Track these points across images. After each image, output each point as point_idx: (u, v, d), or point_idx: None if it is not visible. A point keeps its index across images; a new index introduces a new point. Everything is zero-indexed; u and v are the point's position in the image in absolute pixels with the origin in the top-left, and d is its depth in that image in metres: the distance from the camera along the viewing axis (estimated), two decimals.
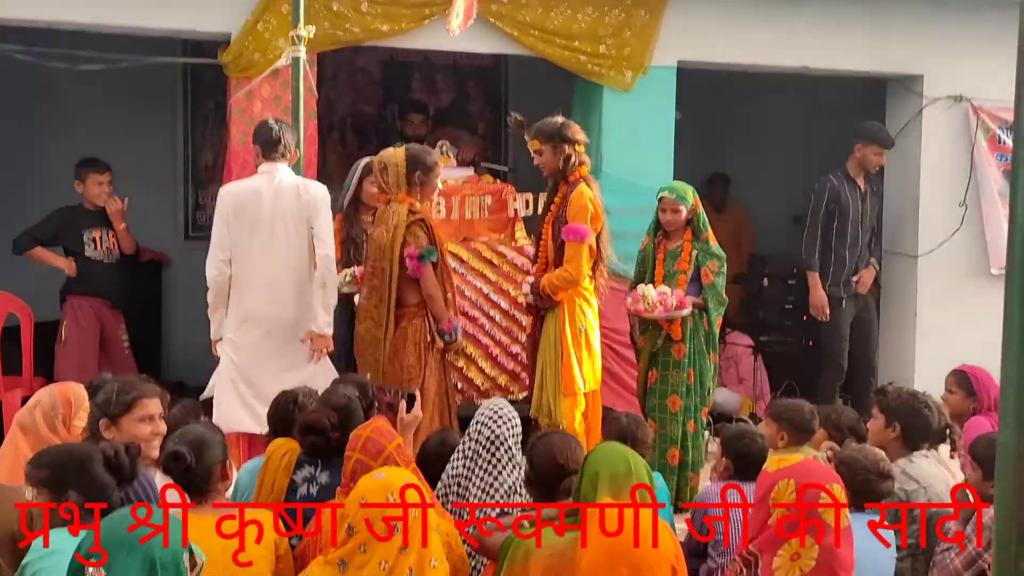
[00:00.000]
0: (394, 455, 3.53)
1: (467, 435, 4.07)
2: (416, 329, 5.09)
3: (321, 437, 3.77)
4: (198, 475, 3.40)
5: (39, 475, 3.06)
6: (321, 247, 5.15)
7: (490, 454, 3.94)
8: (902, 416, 4.59)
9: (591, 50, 6.72)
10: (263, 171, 5.28)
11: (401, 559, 2.97)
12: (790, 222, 9.28)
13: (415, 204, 5.09)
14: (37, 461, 3.12)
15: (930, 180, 7.43)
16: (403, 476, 3.15)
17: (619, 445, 3.41)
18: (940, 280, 7.43)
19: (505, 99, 9.02)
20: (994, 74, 7.09)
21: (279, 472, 3.84)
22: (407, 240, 4.99)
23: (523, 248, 6.42)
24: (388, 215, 5.08)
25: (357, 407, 3.87)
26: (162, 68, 7.52)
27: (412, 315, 5.09)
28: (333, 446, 3.77)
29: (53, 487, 3.02)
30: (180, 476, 3.40)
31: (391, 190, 5.12)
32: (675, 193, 5.64)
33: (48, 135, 7.90)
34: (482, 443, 3.96)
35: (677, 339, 5.61)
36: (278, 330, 5.22)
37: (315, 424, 3.77)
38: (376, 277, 5.08)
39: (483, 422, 4.00)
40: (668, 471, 5.49)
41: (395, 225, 5.01)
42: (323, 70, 7.04)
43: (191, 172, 8.51)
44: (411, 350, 5.02)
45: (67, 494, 3.02)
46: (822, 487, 3.10)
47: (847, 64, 7.31)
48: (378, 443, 3.54)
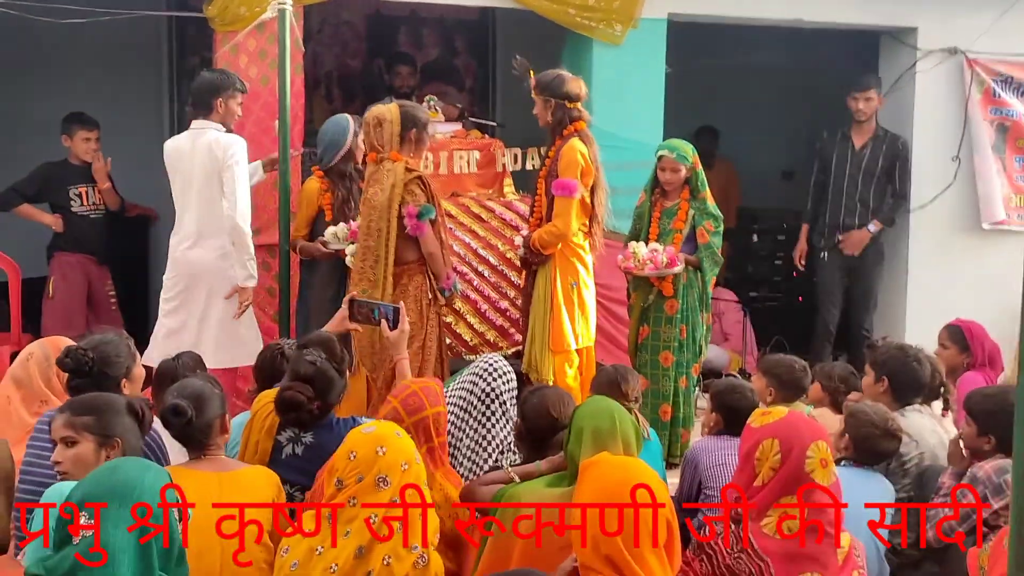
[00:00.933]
0: (428, 421, 3.54)
1: (461, 387, 4.05)
2: (417, 286, 5.01)
3: (301, 412, 3.71)
4: (197, 429, 3.38)
5: (83, 421, 3.10)
6: (226, 205, 5.26)
7: (484, 406, 3.95)
8: (890, 369, 4.60)
9: (580, 3, 6.63)
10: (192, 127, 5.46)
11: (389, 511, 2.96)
12: (779, 177, 9.27)
13: (410, 162, 5.00)
14: (75, 409, 3.15)
15: (923, 134, 7.37)
16: (393, 428, 3.13)
17: (607, 400, 3.39)
18: (933, 235, 7.41)
19: (492, 54, 8.94)
20: (989, 27, 7.05)
21: (262, 435, 3.80)
22: (405, 199, 4.91)
23: (511, 203, 6.37)
24: (382, 174, 4.93)
25: (327, 369, 3.74)
26: (146, 22, 7.40)
27: (412, 272, 4.99)
28: (315, 415, 3.73)
29: (99, 432, 3.09)
30: (180, 430, 3.38)
31: (383, 147, 4.96)
32: (675, 152, 5.59)
33: (32, 91, 7.80)
34: (477, 395, 3.96)
35: (669, 295, 5.58)
36: (201, 282, 5.41)
37: (291, 401, 3.69)
38: (371, 237, 4.93)
39: (479, 374, 4.00)
40: (660, 427, 5.50)
41: (392, 184, 4.88)
42: (309, 24, 6.94)
43: (176, 128, 8.40)
44: (412, 307, 4.96)
45: (113, 439, 3.10)
46: (805, 447, 3.08)
47: (840, 17, 7.22)
48: (420, 402, 3.58)
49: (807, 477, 3.04)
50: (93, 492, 2.35)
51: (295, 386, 3.70)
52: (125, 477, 2.39)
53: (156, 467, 2.55)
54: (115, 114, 7.53)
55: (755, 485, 3.11)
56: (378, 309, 4.35)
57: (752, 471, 3.12)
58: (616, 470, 2.92)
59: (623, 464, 2.97)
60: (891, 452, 4.14)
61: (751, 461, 3.12)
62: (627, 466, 2.96)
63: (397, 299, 4.86)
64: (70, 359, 3.68)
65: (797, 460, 3.04)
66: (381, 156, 4.95)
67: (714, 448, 4.25)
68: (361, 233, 5.00)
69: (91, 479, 2.42)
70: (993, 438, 3.95)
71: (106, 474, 2.42)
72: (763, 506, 3.08)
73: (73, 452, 3.08)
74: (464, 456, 4.00)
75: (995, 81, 7.36)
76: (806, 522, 3.04)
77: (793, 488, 3.05)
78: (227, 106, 5.48)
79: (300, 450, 3.73)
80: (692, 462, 4.27)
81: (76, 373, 3.66)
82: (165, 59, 8.39)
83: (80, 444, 3.09)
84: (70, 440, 3.09)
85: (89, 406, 3.16)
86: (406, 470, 3.01)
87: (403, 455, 3.04)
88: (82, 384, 3.63)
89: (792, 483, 3.04)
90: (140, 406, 3.25)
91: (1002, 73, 7.36)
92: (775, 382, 4.73)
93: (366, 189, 5.04)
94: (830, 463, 3.10)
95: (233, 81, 5.54)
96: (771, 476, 3.07)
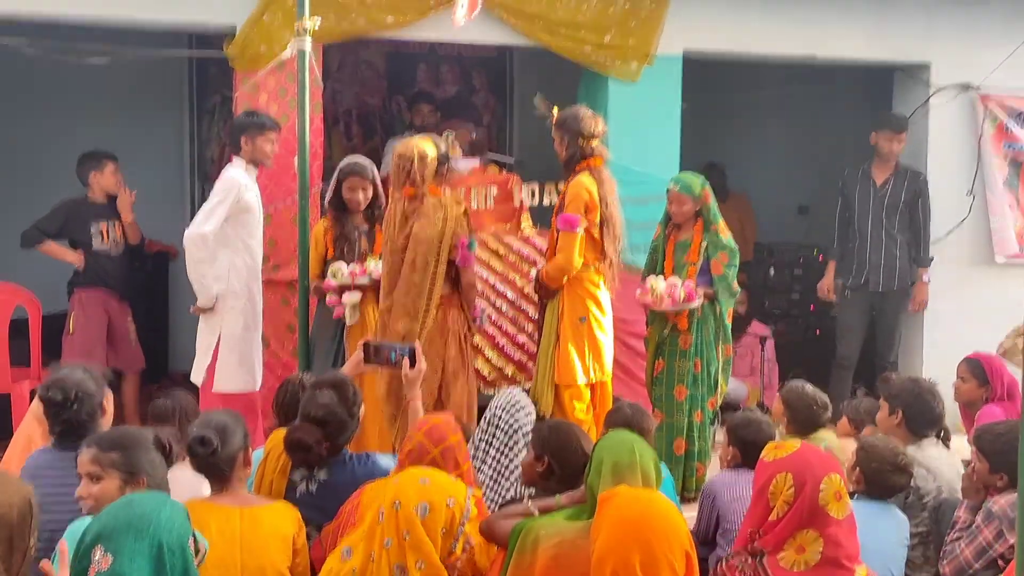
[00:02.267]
0: (454, 448, 3.57)
1: (485, 421, 4.09)
2: (455, 319, 5.04)
3: (310, 454, 3.71)
4: (222, 460, 3.39)
5: (110, 458, 3.09)
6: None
7: (507, 437, 4.00)
8: (903, 402, 4.60)
9: (596, 40, 6.70)
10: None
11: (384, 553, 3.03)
12: (795, 212, 9.29)
13: (454, 195, 5.08)
14: (102, 444, 3.14)
15: (938, 169, 7.40)
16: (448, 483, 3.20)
17: (628, 433, 3.40)
18: (949, 268, 7.41)
19: (510, 90, 9.02)
20: (1001, 63, 7.08)
21: (276, 474, 3.80)
22: (456, 232, 4.94)
23: (529, 238, 6.41)
24: (428, 208, 4.94)
25: (338, 412, 3.75)
26: (167, 62, 7.53)
27: (448, 305, 5.02)
28: (324, 457, 3.73)
29: (125, 469, 3.09)
30: (204, 461, 3.39)
31: (423, 182, 4.98)
32: (680, 184, 5.63)
33: (54, 130, 7.90)
34: (502, 428, 4.01)
35: (683, 329, 5.60)
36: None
37: (301, 443, 3.68)
38: (416, 272, 4.92)
39: (504, 407, 4.05)
40: (674, 461, 5.49)
41: (445, 218, 4.91)
42: (328, 62, 7.04)
43: (197, 165, 8.51)
44: (452, 341, 4.99)
45: (139, 476, 3.09)
46: (819, 480, 3.08)
47: (854, 53, 7.27)
48: (442, 433, 3.59)
49: (822, 510, 3.04)
50: (109, 526, 2.35)
51: (304, 427, 3.70)
52: (141, 511, 2.39)
53: (173, 501, 2.54)
54: (136, 152, 7.63)
55: (770, 520, 3.11)
56: (395, 351, 4.37)
57: (767, 505, 3.13)
58: (635, 503, 2.92)
59: (641, 497, 2.98)
60: (902, 487, 4.14)
61: (765, 495, 3.13)
62: (645, 499, 2.97)
63: (433, 332, 4.92)
64: (53, 392, 3.64)
65: (811, 493, 3.05)
66: (421, 191, 4.98)
67: (732, 482, 4.25)
68: (404, 268, 4.97)
69: (107, 514, 2.41)
70: (1006, 475, 3.94)
71: (122, 508, 2.42)
72: (779, 540, 3.08)
73: (99, 488, 3.08)
74: (485, 486, 4.02)
75: (1008, 116, 7.38)
76: (823, 556, 3.04)
77: (808, 522, 3.05)
78: (254, 144, 5.68)
79: (314, 488, 3.73)
80: (710, 496, 4.27)
81: (60, 406, 3.62)
82: (186, 98, 8.49)
83: (105, 480, 3.08)
84: (95, 476, 3.09)
85: (116, 442, 3.16)
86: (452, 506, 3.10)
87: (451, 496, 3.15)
88: (62, 416, 3.61)
89: (807, 517, 3.05)
90: (167, 440, 3.26)
91: (1015, 108, 7.38)
92: (791, 413, 4.74)
93: (402, 223, 4.99)
94: (844, 496, 3.11)
95: (260, 120, 5.73)
96: (786, 510, 3.07)
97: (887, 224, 7.13)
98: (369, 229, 5.76)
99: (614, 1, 6.68)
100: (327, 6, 6.07)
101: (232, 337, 5.65)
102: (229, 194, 5.54)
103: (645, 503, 2.92)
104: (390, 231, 5.04)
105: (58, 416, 3.59)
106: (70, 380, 3.63)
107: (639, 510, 2.88)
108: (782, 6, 7.02)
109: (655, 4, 6.75)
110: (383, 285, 5.09)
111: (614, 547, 2.81)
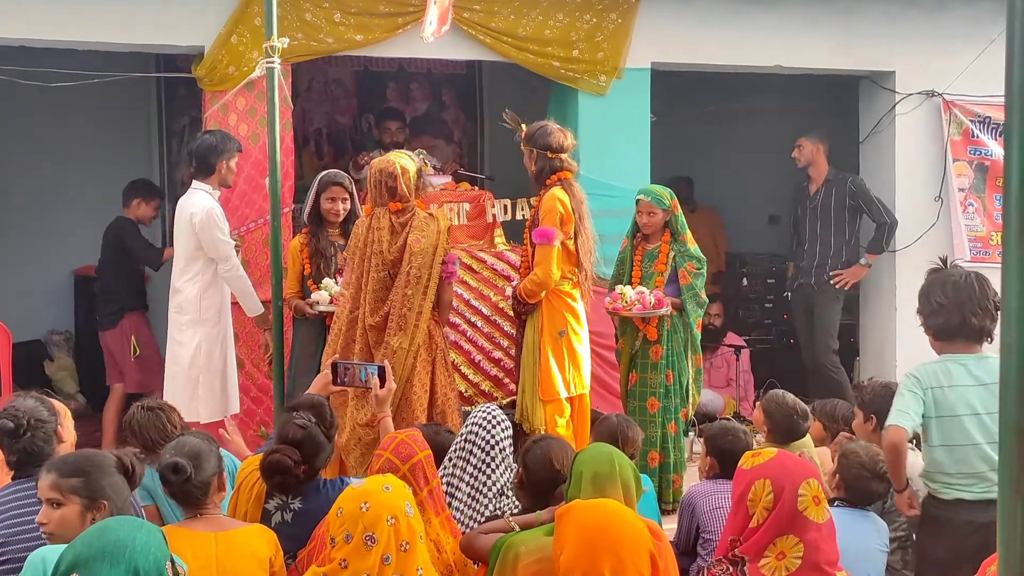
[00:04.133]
0: (422, 464, 3.54)
1: (462, 437, 4.07)
2: (441, 336, 5.07)
3: (288, 476, 3.64)
4: (196, 487, 3.34)
5: (71, 483, 3.03)
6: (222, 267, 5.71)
7: (484, 453, 3.97)
8: (877, 408, 4.62)
9: (564, 55, 6.73)
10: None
11: (385, 570, 2.94)
12: (767, 221, 9.35)
13: (439, 210, 5.10)
14: (62, 470, 3.07)
15: (905, 176, 7.48)
16: (381, 483, 3.11)
17: (605, 446, 3.40)
18: (918, 274, 7.41)
19: (480, 106, 9.04)
20: (964, 69, 7.16)
21: (250, 504, 3.72)
22: (444, 247, 4.98)
23: (502, 254, 6.42)
24: (420, 221, 4.94)
25: (315, 434, 3.68)
26: (135, 84, 7.49)
27: (431, 320, 5.03)
28: (301, 480, 3.67)
29: (86, 494, 3.03)
30: (178, 488, 3.34)
31: (409, 195, 4.99)
32: (651, 196, 5.66)
33: (22, 153, 7.86)
34: (479, 444, 3.98)
35: (653, 340, 5.62)
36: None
37: (278, 465, 3.60)
38: (410, 285, 4.89)
39: (480, 423, 4.02)
40: (649, 473, 5.49)
41: (437, 231, 4.94)
42: (297, 81, 7.03)
43: (167, 187, 8.47)
44: (439, 358, 5.01)
45: (99, 501, 3.03)
46: (797, 485, 3.09)
47: (819, 62, 7.35)
48: (410, 449, 3.56)
49: (801, 515, 3.05)
50: (84, 554, 2.30)
51: (282, 449, 3.62)
52: (115, 537, 2.34)
53: (148, 525, 2.49)
54: (105, 175, 7.59)
55: (750, 527, 3.12)
56: (364, 370, 4.33)
57: (746, 513, 3.13)
58: (594, 511, 2.92)
59: (599, 505, 2.97)
60: (881, 494, 4.16)
61: (744, 503, 3.13)
62: (604, 507, 2.97)
63: (423, 348, 4.92)
64: (3, 421, 3.51)
65: (790, 499, 3.05)
66: (410, 204, 4.97)
67: (711, 492, 4.26)
68: (401, 280, 4.92)
69: (81, 541, 2.37)
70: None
71: (96, 535, 2.37)
72: (760, 547, 3.08)
73: (59, 514, 3.01)
74: (463, 503, 4.00)
75: (972, 122, 7.48)
76: (803, 561, 3.05)
77: (788, 528, 3.05)
78: (228, 166, 5.78)
79: (289, 517, 3.66)
80: (689, 506, 4.27)
81: (12, 435, 3.50)
82: (155, 119, 8.47)
83: (66, 506, 3.02)
84: (56, 502, 3.03)
85: (76, 467, 3.08)
86: (393, 524, 2.96)
87: (388, 510, 2.98)
88: (16, 446, 3.51)
89: (787, 522, 3.05)
90: (130, 461, 3.17)
91: (979, 114, 7.48)
92: (770, 423, 4.75)
93: (392, 237, 4.94)
94: (823, 500, 3.12)
95: (234, 143, 5.83)
96: (765, 517, 3.08)
97: (822, 230, 7.37)
98: (345, 243, 5.72)
99: (580, 16, 6.72)
100: (296, 26, 6.07)
101: (210, 367, 5.65)
102: (222, 225, 5.66)
103: (605, 511, 2.92)
104: (377, 246, 4.94)
105: (12, 446, 3.53)
106: (22, 408, 3.56)
107: (601, 517, 2.88)
108: (747, 18, 7.08)
109: (622, 18, 6.79)
110: (368, 301, 4.96)
111: (581, 558, 2.80)
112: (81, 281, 8.09)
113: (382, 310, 4.91)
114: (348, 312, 5.00)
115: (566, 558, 2.84)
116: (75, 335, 8.22)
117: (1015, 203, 1.55)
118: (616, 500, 3.05)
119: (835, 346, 7.36)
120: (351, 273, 5.03)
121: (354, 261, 5.00)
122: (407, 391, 4.89)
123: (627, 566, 2.79)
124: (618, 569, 2.78)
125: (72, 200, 7.94)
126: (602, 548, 2.80)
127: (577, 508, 2.96)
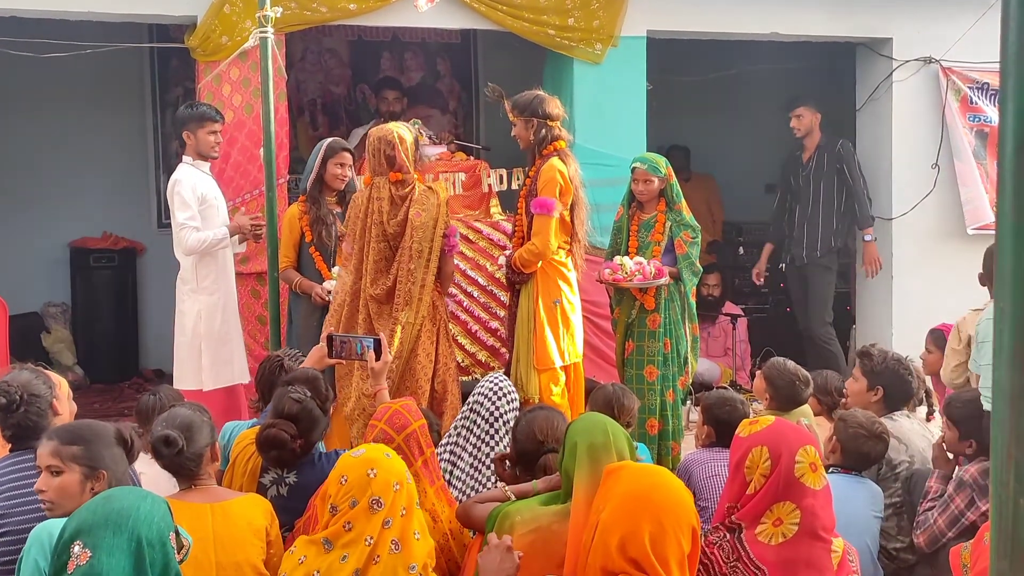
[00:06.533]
0: (417, 434, 3.54)
1: (467, 407, 4.08)
2: (443, 305, 5.05)
3: (284, 451, 3.65)
4: (188, 459, 3.33)
5: (71, 451, 3.03)
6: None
7: (488, 425, 3.98)
8: (886, 381, 4.63)
9: (559, 23, 6.69)
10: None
11: (385, 533, 2.96)
12: (763, 190, 9.34)
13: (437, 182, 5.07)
14: (62, 437, 3.08)
15: (902, 143, 7.46)
16: (383, 451, 3.14)
17: (599, 415, 3.39)
18: (915, 241, 7.47)
19: (475, 76, 9.00)
20: (962, 36, 7.12)
21: (245, 479, 3.74)
22: (445, 219, 4.93)
23: (498, 223, 6.40)
24: (421, 195, 4.88)
25: (311, 408, 3.70)
26: (129, 54, 7.45)
27: (434, 291, 4.99)
28: (297, 454, 3.68)
29: (86, 462, 3.03)
30: (170, 461, 3.33)
31: (408, 165, 4.93)
32: (647, 164, 5.65)
33: (15, 124, 7.82)
34: (483, 416, 3.99)
35: (651, 309, 5.62)
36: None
37: (274, 440, 3.62)
38: (413, 259, 4.85)
39: (486, 395, 4.03)
40: (648, 441, 5.51)
41: (437, 204, 4.89)
42: (291, 52, 6.99)
43: (161, 159, 8.44)
44: (443, 329, 4.99)
45: (99, 471, 3.04)
46: (794, 452, 3.09)
47: (815, 29, 7.31)
48: (404, 419, 3.55)
49: (798, 482, 3.06)
50: (88, 521, 2.32)
51: (278, 423, 3.63)
52: (120, 506, 2.36)
53: (153, 496, 2.50)
54: (98, 146, 7.56)
55: (747, 493, 3.13)
56: (360, 343, 4.31)
57: (743, 480, 3.14)
58: (644, 475, 2.91)
59: (650, 470, 2.98)
60: (878, 455, 4.17)
61: (741, 470, 3.13)
62: (655, 472, 2.98)
63: (427, 321, 4.89)
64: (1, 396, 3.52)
65: (787, 465, 3.06)
66: (409, 176, 4.92)
67: (707, 460, 4.28)
68: (403, 254, 4.88)
69: (85, 510, 2.38)
70: (975, 443, 3.99)
71: (101, 504, 2.39)
72: (756, 513, 3.09)
73: (58, 482, 3.02)
74: (465, 473, 4.02)
75: (971, 88, 7.44)
76: (800, 527, 3.06)
77: (785, 494, 3.06)
78: (196, 137, 5.57)
79: (285, 491, 3.68)
80: (685, 474, 4.29)
81: (6, 409, 3.49)
82: (148, 90, 8.41)
83: (66, 473, 3.02)
84: (55, 469, 3.03)
85: (77, 435, 3.09)
86: (398, 490, 3.00)
87: (394, 475, 3.02)
88: (11, 420, 3.51)
89: (784, 489, 3.06)
90: (129, 434, 3.19)
91: (977, 80, 7.44)
92: (772, 390, 4.75)
93: (393, 209, 4.89)
94: (820, 467, 3.12)
95: (200, 112, 5.59)
96: (762, 483, 3.08)
97: (814, 199, 7.33)
98: (343, 212, 5.69)
99: None
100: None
101: (211, 335, 5.60)
102: (183, 195, 5.48)
103: (655, 477, 2.91)
104: (377, 216, 4.90)
105: (6, 420, 3.53)
106: (15, 382, 3.56)
107: (649, 482, 2.86)
108: None
109: None
110: (369, 272, 4.91)
111: (623, 518, 2.77)
112: (77, 253, 8.10)
113: (382, 281, 4.90)
114: (351, 284, 4.98)
115: (607, 515, 2.81)
116: (72, 307, 8.23)
117: (1009, 168, 1.54)
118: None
119: (830, 318, 7.36)
120: (351, 245, 5.01)
121: (355, 232, 4.97)
122: (412, 361, 4.88)
123: (668, 534, 2.75)
124: (658, 536, 2.75)
125: (67, 171, 7.92)
126: (645, 512, 2.78)
127: (628, 469, 2.94)
